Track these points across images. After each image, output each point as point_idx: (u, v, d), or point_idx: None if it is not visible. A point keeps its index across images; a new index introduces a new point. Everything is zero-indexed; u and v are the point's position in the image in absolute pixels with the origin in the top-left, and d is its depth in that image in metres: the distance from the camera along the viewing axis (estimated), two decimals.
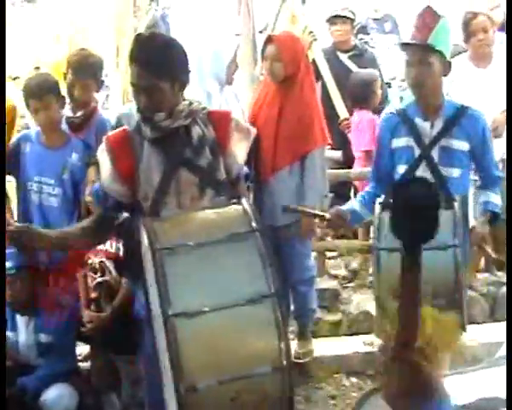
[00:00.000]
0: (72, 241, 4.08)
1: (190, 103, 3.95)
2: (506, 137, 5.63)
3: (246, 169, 4.46)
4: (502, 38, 7.23)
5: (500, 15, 7.96)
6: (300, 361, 5.79)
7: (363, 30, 9.39)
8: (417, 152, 4.65)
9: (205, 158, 3.87)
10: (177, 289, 3.23)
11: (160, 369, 3.58)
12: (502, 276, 6.76)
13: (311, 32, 7.88)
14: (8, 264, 5.03)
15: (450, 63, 4.70)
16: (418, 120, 4.67)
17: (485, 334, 6.19)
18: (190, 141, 3.87)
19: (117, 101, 8.84)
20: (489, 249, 5.31)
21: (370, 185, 4.99)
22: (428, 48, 4.56)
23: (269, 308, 3.25)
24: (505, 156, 5.70)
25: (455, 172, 4.62)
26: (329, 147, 6.32)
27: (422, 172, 4.58)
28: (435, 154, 4.63)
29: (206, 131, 3.89)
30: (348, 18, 8.08)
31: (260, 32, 8.93)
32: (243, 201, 3.54)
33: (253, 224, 3.40)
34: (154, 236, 3.36)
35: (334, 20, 8.05)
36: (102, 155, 3.94)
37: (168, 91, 3.84)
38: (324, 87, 7.74)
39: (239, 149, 4.02)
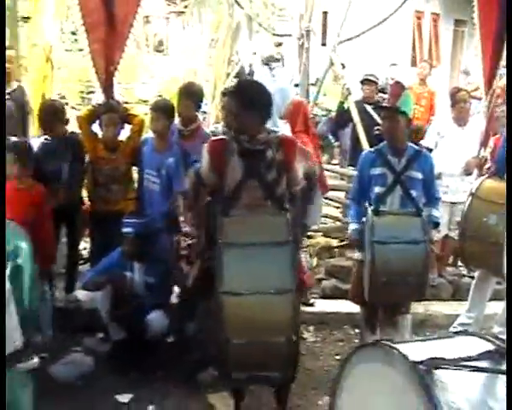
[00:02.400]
0: None
1: (269, 133, 4.08)
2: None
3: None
4: (476, 106, 7.48)
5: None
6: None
7: (383, 90, 9.63)
8: (390, 178, 4.86)
9: (272, 175, 3.98)
10: (227, 274, 3.49)
11: None
12: (463, 269, 6.94)
13: (348, 89, 8.17)
14: (128, 229, 5.28)
15: (411, 120, 4.97)
16: (390, 157, 4.88)
17: (447, 309, 6.49)
18: (264, 160, 3.98)
19: (211, 121, 9.16)
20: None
21: (354, 204, 5.18)
22: (397, 110, 4.83)
23: (289, 299, 3.53)
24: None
25: (416, 193, 4.89)
26: None
27: (396, 191, 4.86)
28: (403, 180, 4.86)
29: (276, 154, 3.99)
30: (374, 81, 8.42)
31: (312, 84, 9.23)
32: (287, 215, 3.75)
33: (290, 237, 3.64)
34: (220, 230, 3.61)
35: (364, 81, 8.35)
36: (205, 151, 4.11)
37: (251, 120, 4.00)
38: (354, 127, 7.96)
39: (300, 168, 4.12)
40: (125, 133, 5.91)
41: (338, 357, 5.62)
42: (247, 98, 4.01)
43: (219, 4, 11.37)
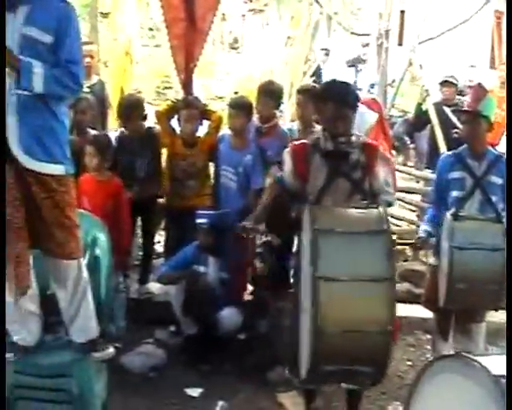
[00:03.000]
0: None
1: (358, 137, 4.08)
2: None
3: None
4: None
5: None
6: None
7: (461, 93, 9.43)
8: (470, 182, 4.74)
9: (357, 174, 3.95)
10: (323, 260, 3.38)
11: (300, 312, 3.81)
12: None
13: (427, 90, 8.06)
14: (202, 220, 5.32)
15: (492, 124, 4.82)
16: (469, 161, 4.76)
17: None
18: (348, 160, 3.95)
19: (287, 119, 9.14)
20: None
21: (432, 208, 5.09)
22: (478, 113, 4.73)
23: (386, 287, 3.42)
24: None
25: (495, 198, 4.73)
26: None
27: (476, 196, 4.73)
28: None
29: (360, 156, 3.97)
30: (453, 83, 8.25)
31: (389, 84, 9.14)
32: (380, 208, 3.66)
33: (385, 226, 3.55)
34: (314, 218, 3.51)
35: (443, 83, 8.19)
36: (287, 156, 4.07)
37: (349, 121, 3.98)
38: (432, 129, 7.86)
39: (381, 172, 4.06)
40: (202, 129, 5.94)
41: (409, 363, 5.54)
42: (348, 99, 3.98)
43: (298, 2, 11.35)
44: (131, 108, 5.84)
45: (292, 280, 4.32)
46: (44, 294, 3.98)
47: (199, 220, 5.33)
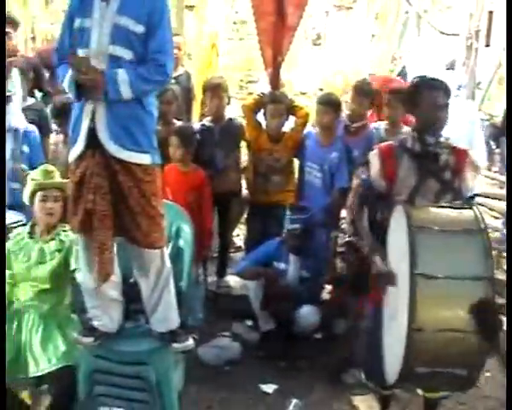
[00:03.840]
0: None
1: (446, 139, 3.96)
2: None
3: None
4: None
5: None
6: None
7: None
8: None
9: (446, 175, 3.85)
10: (421, 257, 3.30)
11: (384, 314, 3.76)
12: None
13: None
14: (295, 226, 5.27)
15: None
16: None
17: None
18: (437, 161, 3.84)
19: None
20: None
21: None
22: None
23: (484, 287, 3.29)
24: None
25: None
26: None
27: None
28: None
29: (449, 158, 3.86)
30: None
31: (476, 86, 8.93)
32: (474, 208, 3.54)
33: (482, 225, 3.42)
34: (410, 216, 3.45)
35: None
36: (374, 158, 3.97)
37: (446, 119, 3.82)
38: None
39: (469, 177, 3.95)
40: (288, 125, 5.90)
41: (488, 374, 5.38)
42: (444, 86, 3.85)
43: None
44: (216, 88, 5.82)
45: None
46: (127, 281, 4.03)
47: (291, 225, 5.29)
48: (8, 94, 5.28)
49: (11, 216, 4.85)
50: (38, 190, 4.14)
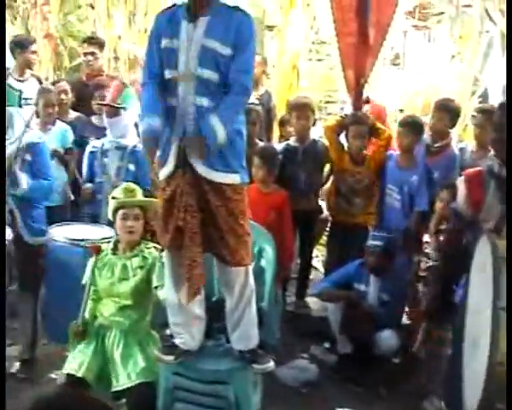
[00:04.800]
0: None
1: None
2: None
3: None
4: None
5: None
6: None
7: None
8: None
9: None
10: (503, 289, 3.22)
11: (465, 342, 3.66)
12: None
13: None
14: (376, 243, 5.20)
15: None
16: None
17: None
18: None
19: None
20: None
21: None
22: None
23: None
24: None
25: None
26: None
27: None
28: None
29: None
30: None
31: None
32: None
33: None
34: (495, 246, 3.37)
35: None
36: (461, 184, 3.92)
37: None
38: None
39: None
40: (371, 146, 5.85)
41: None
42: None
43: (470, 18, 10.98)
44: (302, 108, 5.83)
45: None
46: (209, 300, 4.05)
47: (373, 242, 5.24)
48: (119, 106, 5.32)
49: (106, 231, 4.94)
50: (119, 208, 4.19)
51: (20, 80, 6.53)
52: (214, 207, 3.60)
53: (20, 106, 5.09)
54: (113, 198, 4.23)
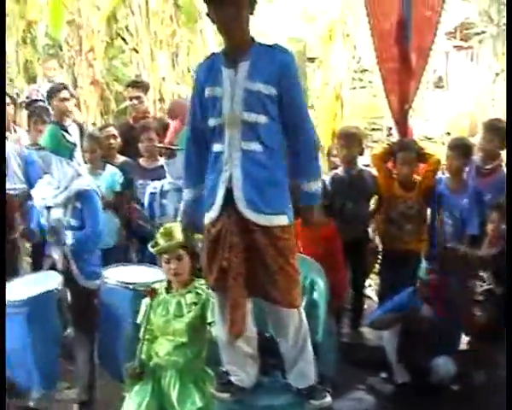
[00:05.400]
0: None
1: None
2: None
3: None
4: None
5: None
6: None
7: None
8: None
9: None
10: None
11: None
12: None
13: None
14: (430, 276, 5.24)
15: None
16: None
17: None
18: None
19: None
20: None
21: None
22: None
23: None
24: None
25: None
26: None
27: None
28: None
29: None
30: None
31: None
32: None
33: None
34: None
35: None
36: None
37: None
38: None
39: None
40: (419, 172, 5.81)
41: None
42: None
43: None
44: (350, 137, 5.82)
45: None
46: (263, 336, 4.01)
47: (426, 277, 5.22)
48: (176, 148, 5.34)
49: (160, 272, 4.97)
50: (161, 253, 4.20)
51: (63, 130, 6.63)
52: (262, 246, 3.54)
53: (72, 157, 5.16)
54: (154, 244, 4.23)
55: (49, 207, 5.17)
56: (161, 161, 5.89)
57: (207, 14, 3.59)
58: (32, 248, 6.17)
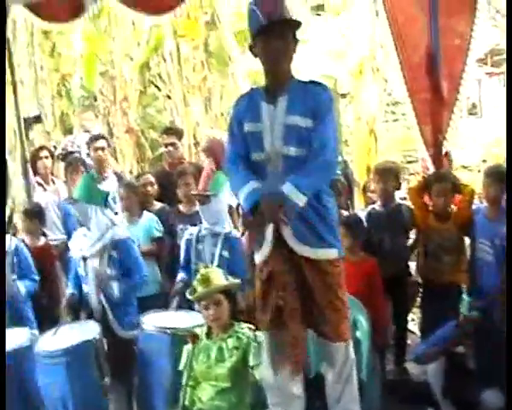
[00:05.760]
0: None
1: None
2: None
3: None
4: None
5: None
6: None
7: None
8: None
9: None
10: None
11: None
12: None
13: None
14: (474, 313, 5.05)
15: None
16: None
17: None
18: None
19: None
20: None
21: None
22: None
23: None
24: None
25: None
26: None
27: None
28: None
29: None
30: None
31: None
32: None
33: None
34: None
35: None
36: None
37: None
38: None
39: None
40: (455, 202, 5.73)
41: None
42: None
43: None
44: (386, 172, 5.79)
45: None
46: (307, 377, 3.98)
47: (469, 314, 5.12)
48: (210, 194, 5.32)
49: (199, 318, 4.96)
50: (199, 299, 4.19)
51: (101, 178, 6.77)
52: (312, 282, 3.59)
53: (106, 205, 5.22)
54: (190, 294, 4.23)
55: (85, 258, 5.24)
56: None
57: (250, 49, 3.68)
58: None
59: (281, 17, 3.59)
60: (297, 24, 3.66)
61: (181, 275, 5.49)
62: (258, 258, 3.72)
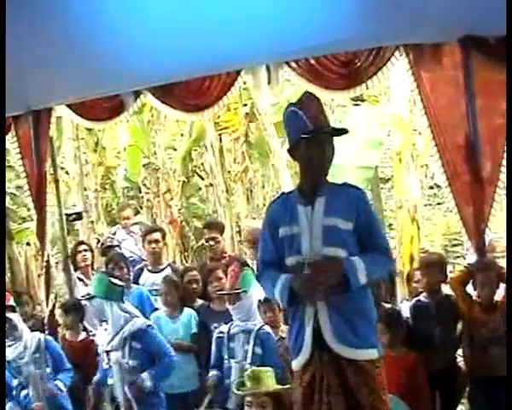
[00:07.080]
0: None
1: None
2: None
3: None
4: None
5: None
6: None
7: None
8: None
9: None
10: None
11: None
12: None
13: None
14: None
15: None
16: None
17: None
18: None
19: None
20: None
21: None
22: None
23: None
24: None
25: None
26: None
27: None
28: None
29: None
30: None
31: None
32: None
33: None
34: None
35: None
36: None
37: None
38: None
39: None
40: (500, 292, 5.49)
41: None
42: None
43: None
44: (432, 264, 5.65)
45: None
46: None
47: None
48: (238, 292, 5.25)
49: None
50: (247, 396, 4.08)
51: (154, 272, 6.84)
52: (354, 384, 3.46)
53: (121, 300, 5.36)
54: (237, 388, 4.11)
55: (108, 352, 5.28)
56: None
57: (289, 151, 3.68)
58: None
59: (327, 124, 3.63)
60: (345, 132, 3.69)
61: (212, 373, 5.38)
62: (297, 364, 3.60)
